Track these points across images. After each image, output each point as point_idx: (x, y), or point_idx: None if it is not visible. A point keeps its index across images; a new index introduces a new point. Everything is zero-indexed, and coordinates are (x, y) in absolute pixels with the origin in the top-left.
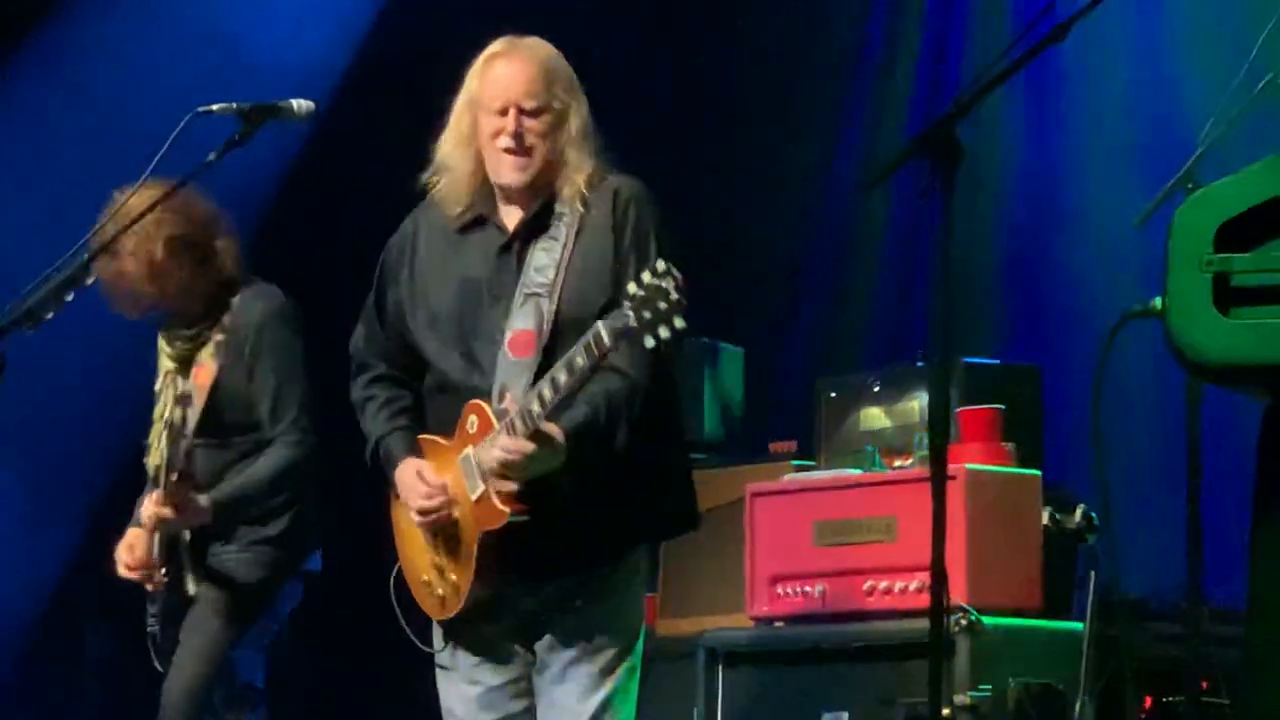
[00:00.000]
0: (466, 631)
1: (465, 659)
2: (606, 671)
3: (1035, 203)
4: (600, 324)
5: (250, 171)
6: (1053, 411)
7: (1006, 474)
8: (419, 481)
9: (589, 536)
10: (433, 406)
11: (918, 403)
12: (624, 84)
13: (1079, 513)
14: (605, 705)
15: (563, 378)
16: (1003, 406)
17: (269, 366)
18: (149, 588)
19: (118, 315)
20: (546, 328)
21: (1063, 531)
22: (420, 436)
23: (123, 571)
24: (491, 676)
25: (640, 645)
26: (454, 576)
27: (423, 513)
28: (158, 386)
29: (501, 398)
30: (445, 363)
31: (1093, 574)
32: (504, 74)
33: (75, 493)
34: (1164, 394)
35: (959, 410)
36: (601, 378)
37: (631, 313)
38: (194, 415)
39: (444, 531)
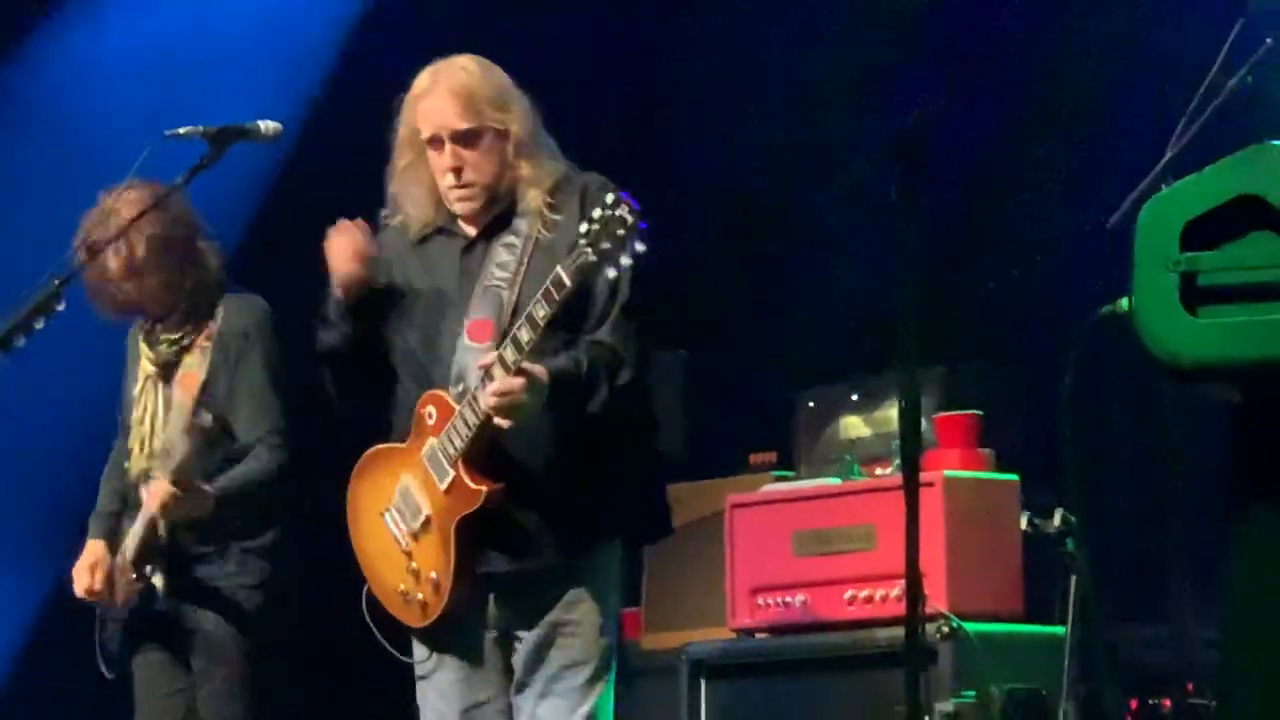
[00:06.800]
0: (448, 641)
1: (446, 673)
2: (589, 685)
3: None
4: (559, 266)
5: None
6: (1033, 415)
7: (984, 479)
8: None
9: (561, 515)
10: (400, 418)
11: (896, 411)
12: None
13: (1058, 516)
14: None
15: (524, 335)
16: (980, 412)
17: (255, 372)
18: (115, 601)
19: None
20: (505, 315)
21: (1042, 536)
22: (380, 448)
23: (81, 593)
24: (471, 693)
25: (614, 656)
26: (434, 574)
27: None
28: (136, 391)
29: (459, 381)
30: (413, 368)
31: (1073, 578)
32: (430, 107)
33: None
34: (1141, 394)
35: (936, 416)
36: (584, 345)
37: (589, 248)
38: (181, 420)
39: (418, 533)
